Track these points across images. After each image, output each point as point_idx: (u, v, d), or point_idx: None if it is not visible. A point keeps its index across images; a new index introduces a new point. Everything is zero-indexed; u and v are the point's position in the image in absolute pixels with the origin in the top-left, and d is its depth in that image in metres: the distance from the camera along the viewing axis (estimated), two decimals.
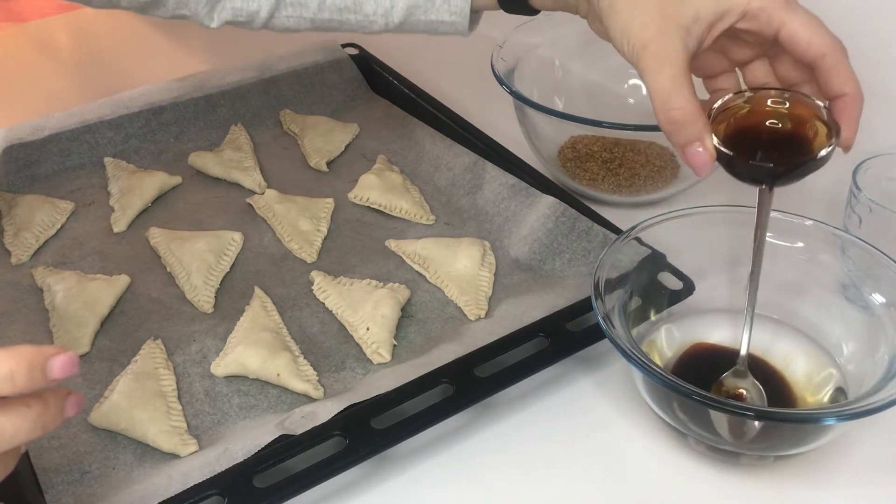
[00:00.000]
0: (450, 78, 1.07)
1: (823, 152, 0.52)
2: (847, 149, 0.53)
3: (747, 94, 0.58)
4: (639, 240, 0.67)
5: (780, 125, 0.55)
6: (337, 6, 0.64)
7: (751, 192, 0.66)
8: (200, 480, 0.56)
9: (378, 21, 0.65)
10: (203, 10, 0.64)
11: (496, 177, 0.84)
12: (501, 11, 0.71)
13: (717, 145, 0.54)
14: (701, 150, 0.54)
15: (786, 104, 0.56)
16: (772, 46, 0.56)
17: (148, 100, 0.96)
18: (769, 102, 0.56)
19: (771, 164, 0.54)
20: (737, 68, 0.60)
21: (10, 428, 0.44)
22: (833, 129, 0.54)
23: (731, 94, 0.58)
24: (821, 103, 0.55)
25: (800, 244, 0.68)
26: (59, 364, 0.45)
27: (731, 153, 0.54)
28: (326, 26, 0.66)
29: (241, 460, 0.57)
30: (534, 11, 0.63)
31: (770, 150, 0.54)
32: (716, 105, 0.57)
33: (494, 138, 0.89)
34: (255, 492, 0.55)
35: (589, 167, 0.86)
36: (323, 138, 0.96)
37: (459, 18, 0.63)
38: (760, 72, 0.59)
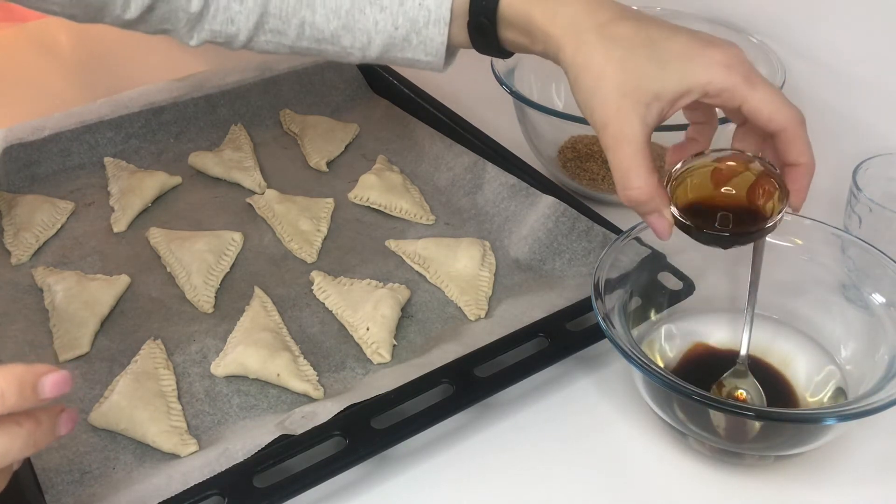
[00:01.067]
0: (450, 78, 1.06)
1: (773, 220, 0.57)
2: (796, 210, 0.57)
3: (710, 154, 0.60)
4: (639, 240, 0.67)
5: (735, 192, 0.58)
6: (315, 37, 0.65)
7: None
8: (200, 480, 0.56)
9: (355, 54, 0.66)
10: (184, 29, 0.65)
11: (496, 177, 0.84)
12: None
13: (676, 215, 0.57)
14: (660, 219, 0.57)
15: (744, 165, 0.59)
16: (735, 114, 0.58)
17: (148, 100, 0.96)
18: (728, 164, 0.59)
19: (726, 234, 0.57)
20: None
21: (0, 447, 0.44)
22: (785, 192, 0.57)
23: (690, 158, 0.60)
24: (774, 167, 0.58)
25: (800, 244, 0.68)
26: (51, 382, 0.45)
27: (687, 223, 0.57)
28: (305, 53, 0.67)
29: (241, 460, 0.57)
30: (507, 54, 0.64)
31: (725, 216, 0.57)
32: (676, 167, 0.60)
33: (494, 138, 0.89)
34: (255, 492, 0.55)
35: (589, 167, 0.86)
36: (323, 138, 0.96)
37: (435, 59, 0.65)
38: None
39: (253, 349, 0.68)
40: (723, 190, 0.58)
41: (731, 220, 0.57)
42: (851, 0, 0.80)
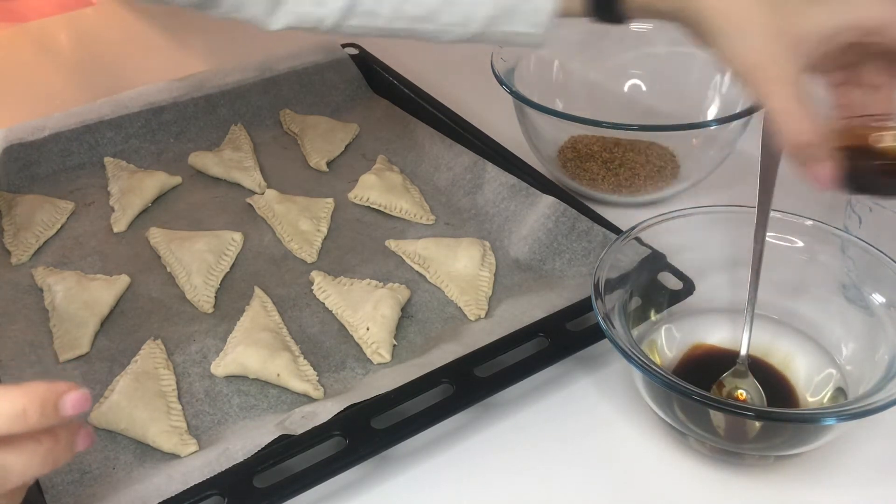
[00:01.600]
0: (450, 78, 1.06)
1: None
2: None
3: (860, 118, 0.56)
4: (639, 240, 0.67)
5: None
6: (411, 15, 0.60)
7: (750, 193, 0.66)
8: (200, 480, 0.56)
9: (455, 30, 0.61)
10: (262, 12, 0.61)
11: (496, 177, 0.84)
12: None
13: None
14: (828, 165, 0.53)
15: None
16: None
17: (148, 100, 0.96)
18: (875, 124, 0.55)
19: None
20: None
21: (19, 466, 0.44)
22: None
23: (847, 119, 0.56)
24: None
25: (800, 244, 0.68)
26: (72, 401, 0.45)
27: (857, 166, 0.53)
28: (396, 35, 0.63)
29: (241, 460, 0.57)
30: (622, 19, 0.60)
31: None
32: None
33: (494, 138, 0.89)
34: (255, 492, 0.55)
35: (589, 167, 0.86)
36: (323, 138, 0.96)
37: (539, 30, 0.61)
38: None
39: (253, 349, 0.68)
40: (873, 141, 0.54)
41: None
42: None
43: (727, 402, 0.55)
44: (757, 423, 0.58)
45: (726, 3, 0.53)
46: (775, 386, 0.63)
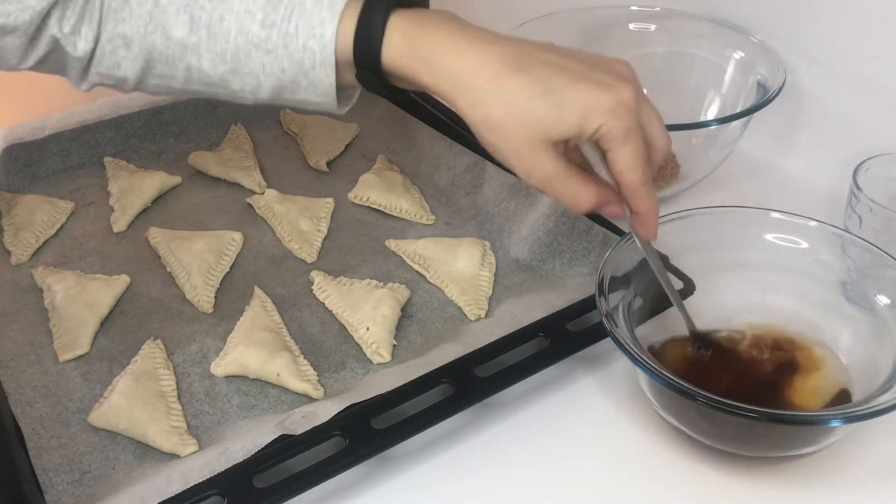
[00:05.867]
0: None
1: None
2: (652, 239, 0.62)
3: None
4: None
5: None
6: (203, 81, 0.64)
7: (750, 193, 0.66)
8: (200, 480, 0.56)
9: (247, 97, 0.65)
10: (75, 74, 0.65)
11: (496, 176, 0.84)
12: (491, 7, 0.71)
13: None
14: (614, 207, 0.60)
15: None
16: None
17: (148, 100, 0.96)
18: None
19: None
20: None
21: None
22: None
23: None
24: None
25: (804, 245, 0.68)
26: None
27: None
28: (197, 95, 0.66)
29: (241, 460, 0.57)
30: (404, 93, 0.64)
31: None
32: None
33: None
34: (255, 492, 0.55)
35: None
36: (323, 138, 0.96)
37: (327, 100, 0.63)
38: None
39: (253, 349, 0.68)
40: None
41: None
42: (852, 0, 0.80)
43: (732, 405, 0.54)
44: (761, 425, 0.57)
45: (483, 115, 0.57)
46: (781, 387, 0.63)
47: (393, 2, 0.60)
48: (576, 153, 0.61)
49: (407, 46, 0.59)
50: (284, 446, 0.58)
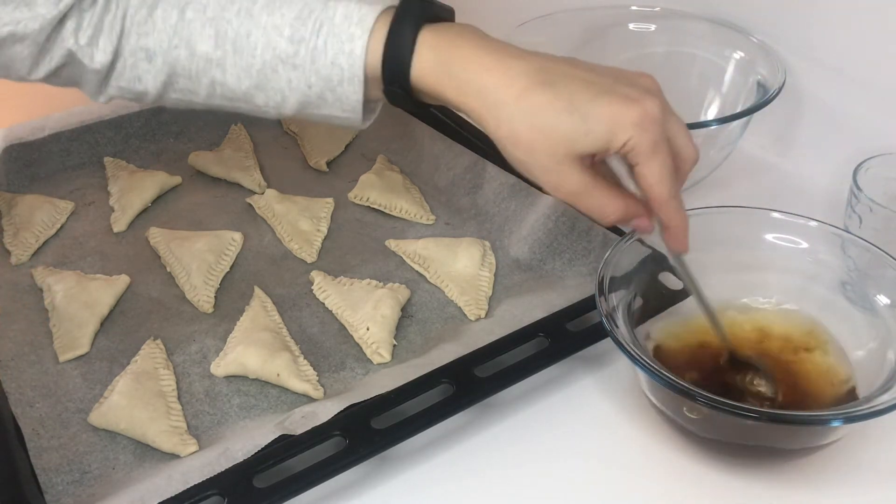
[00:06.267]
0: None
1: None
2: (682, 252, 0.62)
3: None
4: (641, 241, 0.67)
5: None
6: (227, 96, 0.63)
7: (750, 193, 0.66)
8: (200, 480, 0.56)
9: (270, 112, 0.64)
10: (92, 87, 0.64)
11: (496, 176, 0.84)
12: (492, 8, 0.71)
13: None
14: (642, 220, 0.61)
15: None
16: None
17: None
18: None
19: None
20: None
21: None
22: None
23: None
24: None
25: (804, 245, 0.68)
26: None
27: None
28: (218, 109, 0.66)
29: (241, 460, 0.57)
30: (419, 105, 0.63)
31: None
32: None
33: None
34: (255, 492, 0.55)
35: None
36: (323, 138, 0.96)
37: (352, 115, 0.63)
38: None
39: (253, 349, 0.68)
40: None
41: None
42: (852, 0, 0.80)
43: (732, 404, 0.54)
44: (762, 425, 0.57)
45: (509, 132, 0.58)
46: (790, 381, 0.63)
47: (422, 17, 0.60)
48: (604, 166, 0.60)
49: (435, 62, 0.59)
50: (284, 446, 0.58)
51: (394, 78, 0.60)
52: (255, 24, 0.61)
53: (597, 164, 0.60)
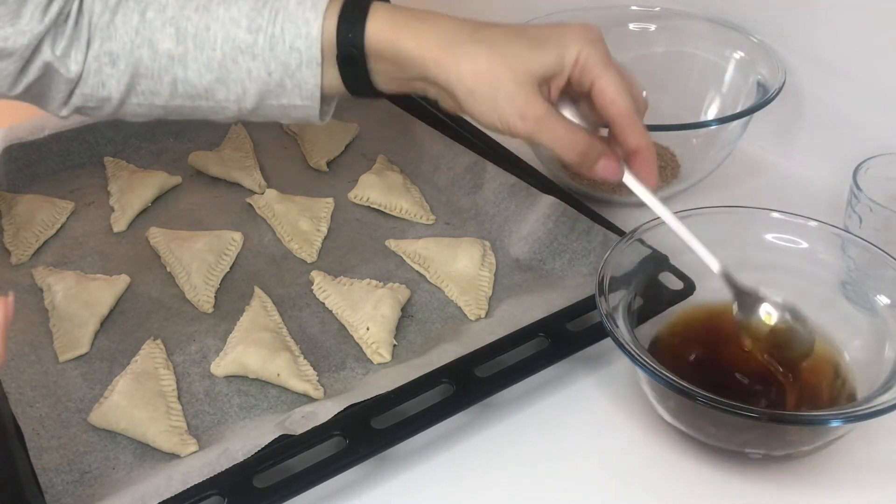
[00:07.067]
0: None
1: None
2: (653, 187, 0.61)
3: None
4: (641, 241, 0.67)
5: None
6: (188, 94, 0.64)
7: (750, 193, 0.66)
8: (200, 480, 0.56)
9: (231, 108, 0.65)
10: (60, 98, 0.65)
11: (496, 176, 0.84)
12: (492, 10, 0.72)
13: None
14: (609, 162, 0.60)
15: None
16: (581, 92, 0.61)
17: None
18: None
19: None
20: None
21: None
22: None
23: None
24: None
25: (804, 245, 0.68)
26: None
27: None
28: (178, 112, 0.67)
29: (241, 460, 0.57)
30: (379, 94, 0.65)
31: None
32: None
33: (494, 138, 0.89)
34: (255, 492, 0.55)
35: None
36: (323, 138, 0.96)
37: (310, 103, 0.64)
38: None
39: (253, 349, 0.68)
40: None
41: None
42: (852, 0, 0.80)
43: (732, 405, 0.54)
44: (761, 424, 0.57)
45: (470, 65, 0.59)
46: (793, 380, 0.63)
47: None
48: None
49: (390, 21, 0.61)
50: (284, 446, 0.58)
51: (347, 46, 0.61)
52: (213, 17, 0.62)
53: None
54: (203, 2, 0.63)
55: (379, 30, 0.60)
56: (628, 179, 0.61)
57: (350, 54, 0.61)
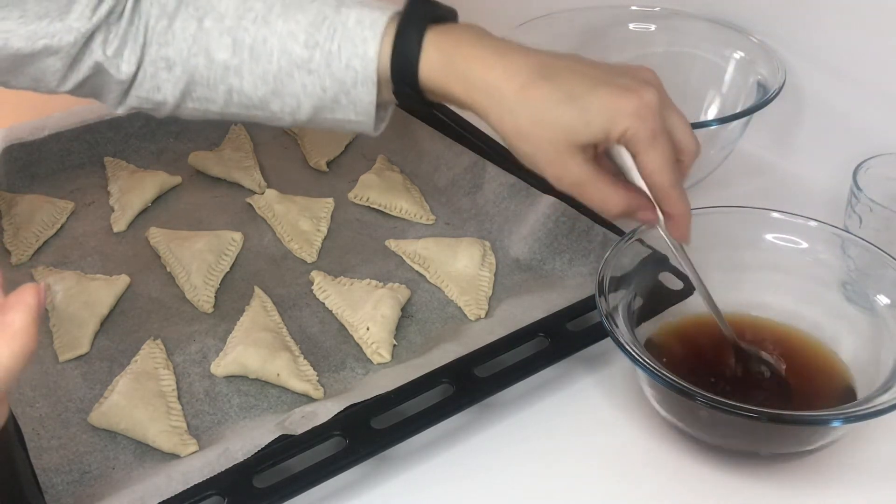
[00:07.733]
0: None
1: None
2: (684, 242, 0.63)
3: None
4: (641, 241, 0.67)
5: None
6: (243, 104, 0.65)
7: (750, 193, 0.66)
8: (200, 480, 0.56)
9: (285, 118, 0.66)
10: (114, 97, 0.66)
11: (496, 176, 0.84)
12: (492, 9, 0.72)
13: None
14: (647, 213, 0.61)
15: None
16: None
17: None
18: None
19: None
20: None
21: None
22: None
23: None
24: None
25: (804, 245, 0.68)
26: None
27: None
28: (234, 118, 0.67)
29: (241, 460, 0.57)
30: (428, 104, 0.65)
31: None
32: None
33: (494, 138, 0.89)
34: (255, 492, 0.55)
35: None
36: (323, 138, 0.96)
37: (365, 118, 0.65)
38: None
39: (253, 349, 0.68)
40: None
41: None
42: (852, 0, 0.80)
43: (732, 405, 0.54)
44: (762, 424, 0.57)
45: (513, 125, 0.59)
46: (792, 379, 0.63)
47: (427, 19, 0.61)
48: (609, 161, 0.61)
49: (441, 62, 0.60)
50: (284, 446, 0.58)
51: (403, 78, 0.61)
52: (271, 30, 0.62)
53: (601, 158, 0.61)
54: (262, 13, 0.62)
55: (431, 73, 0.61)
56: (662, 228, 0.62)
57: (405, 92, 0.62)
